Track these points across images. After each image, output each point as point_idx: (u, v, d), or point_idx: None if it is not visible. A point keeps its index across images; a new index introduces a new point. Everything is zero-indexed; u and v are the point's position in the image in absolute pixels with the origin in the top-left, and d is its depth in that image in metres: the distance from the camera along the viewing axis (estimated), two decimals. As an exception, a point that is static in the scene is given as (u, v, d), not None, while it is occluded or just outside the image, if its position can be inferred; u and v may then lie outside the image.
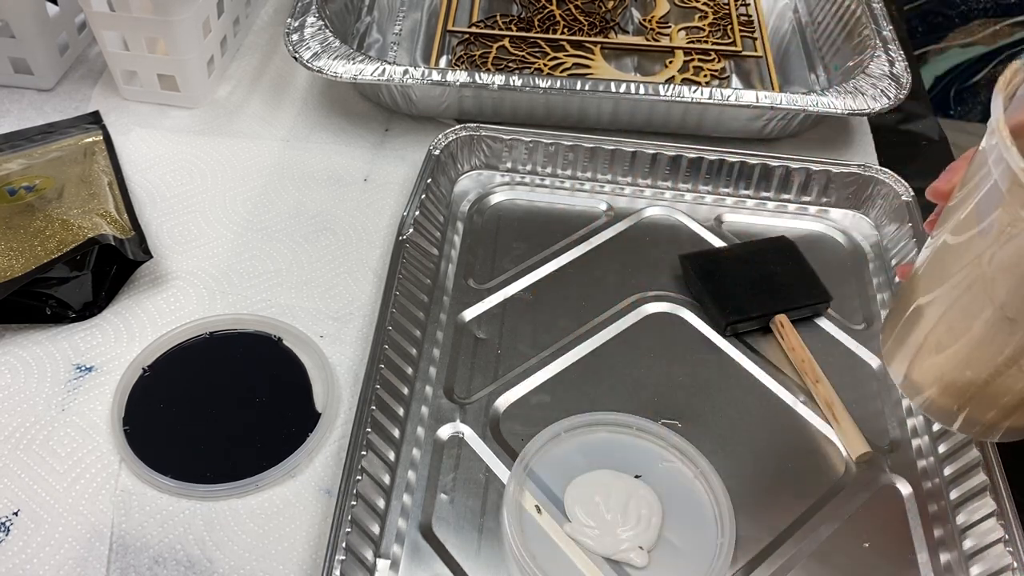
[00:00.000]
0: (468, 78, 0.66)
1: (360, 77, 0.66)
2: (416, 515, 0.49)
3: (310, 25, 0.69)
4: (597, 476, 0.49)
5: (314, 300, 0.60)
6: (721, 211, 0.67)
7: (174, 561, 0.47)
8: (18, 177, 0.63)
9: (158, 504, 0.49)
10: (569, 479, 0.49)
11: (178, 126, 0.72)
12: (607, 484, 0.49)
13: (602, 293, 0.60)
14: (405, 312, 0.56)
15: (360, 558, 0.45)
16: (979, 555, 0.47)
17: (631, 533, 0.47)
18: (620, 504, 0.48)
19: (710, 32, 0.83)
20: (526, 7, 0.85)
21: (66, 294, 0.57)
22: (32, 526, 0.48)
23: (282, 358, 0.56)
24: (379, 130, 0.73)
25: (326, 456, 0.52)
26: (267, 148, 0.71)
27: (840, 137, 0.74)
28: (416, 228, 0.60)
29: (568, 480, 0.49)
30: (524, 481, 0.49)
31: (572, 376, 0.55)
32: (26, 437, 0.52)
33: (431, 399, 0.54)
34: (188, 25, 0.67)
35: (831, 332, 0.59)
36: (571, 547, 0.47)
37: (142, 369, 0.55)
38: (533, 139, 0.67)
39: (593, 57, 0.79)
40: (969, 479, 0.50)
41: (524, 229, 0.65)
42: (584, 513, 0.48)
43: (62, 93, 0.74)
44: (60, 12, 0.74)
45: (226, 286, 0.60)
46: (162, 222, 0.64)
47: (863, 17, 0.74)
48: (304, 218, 0.65)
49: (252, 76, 0.77)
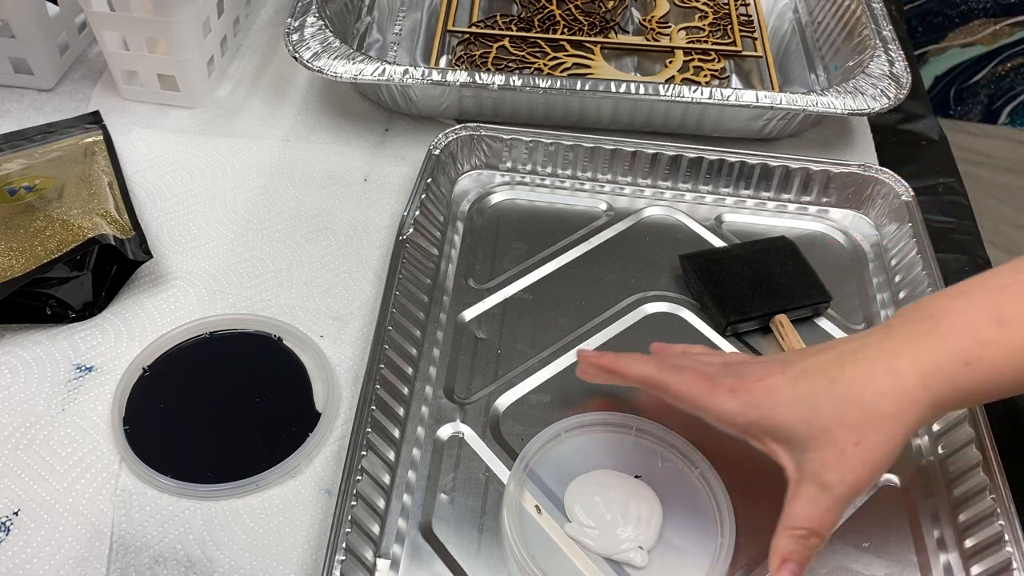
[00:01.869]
0: (468, 78, 0.66)
1: (360, 77, 0.66)
2: (416, 515, 0.49)
3: (310, 25, 0.69)
4: (597, 476, 0.49)
5: (314, 300, 0.60)
6: (721, 211, 0.67)
7: (174, 561, 0.47)
8: (18, 177, 0.63)
9: (158, 504, 0.49)
10: (569, 479, 0.49)
11: (178, 126, 0.72)
12: (607, 484, 0.49)
13: (602, 293, 0.60)
14: (405, 312, 0.56)
15: (360, 558, 0.45)
16: (979, 555, 0.47)
17: (631, 533, 0.47)
18: (620, 504, 0.48)
19: (710, 32, 0.83)
20: (526, 7, 0.85)
21: (66, 294, 0.57)
22: (32, 526, 0.48)
23: (282, 358, 0.56)
24: (379, 130, 0.73)
25: (326, 456, 0.52)
26: (267, 148, 0.71)
27: (840, 137, 0.74)
28: (416, 228, 0.60)
29: (568, 480, 0.49)
30: (524, 481, 0.49)
31: (572, 376, 0.55)
32: (26, 437, 0.52)
33: (431, 399, 0.54)
34: (188, 25, 0.67)
35: (831, 332, 0.59)
36: (571, 547, 0.47)
37: (142, 369, 0.55)
38: (533, 139, 0.67)
39: (593, 57, 0.79)
40: (969, 479, 0.50)
41: (524, 229, 0.65)
42: (584, 513, 0.48)
43: (62, 93, 0.74)
44: (60, 12, 0.74)
45: (226, 286, 0.60)
46: (162, 222, 0.64)
47: (863, 17, 0.74)
48: (304, 218, 0.65)
49: (252, 76, 0.77)
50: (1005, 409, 0.55)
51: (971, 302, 0.40)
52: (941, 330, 0.39)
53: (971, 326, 0.38)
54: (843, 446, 0.38)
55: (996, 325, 0.38)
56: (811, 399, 0.39)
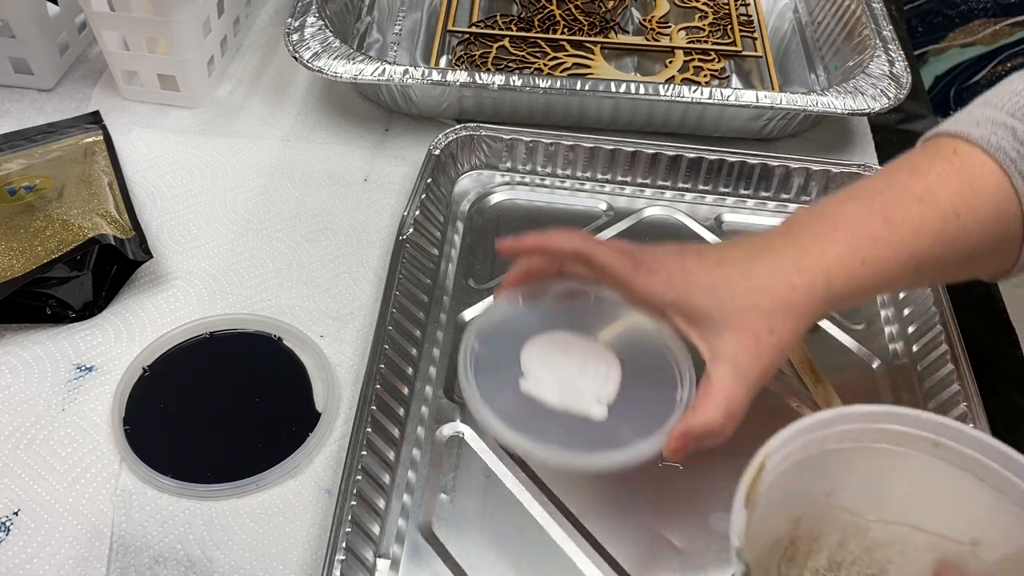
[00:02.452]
0: (468, 78, 0.66)
1: (360, 77, 0.66)
2: (416, 515, 0.49)
3: (310, 25, 0.69)
4: (554, 336, 0.48)
5: (314, 300, 0.60)
6: (721, 211, 0.67)
7: (174, 561, 0.47)
8: (18, 177, 0.63)
9: (158, 504, 0.49)
10: (524, 341, 0.47)
11: (178, 126, 0.72)
12: (564, 343, 0.47)
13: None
14: (405, 312, 0.56)
15: (360, 558, 0.45)
16: (979, 555, 0.47)
17: (590, 387, 0.45)
18: (578, 361, 0.46)
19: (710, 32, 0.83)
20: (526, 7, 0.85)
21: (66, 294, 0.57)
22: (32, 526, 0.48)
23: (282, 358, 0.56)
24: (379, 130, 0.73)
25: (326, 456, 0.52)
26: (267, 148, 0.71)
27: (840, 137, 0.74)
28: (416, 228, 0.60)
29: (523, 342, 0.47)
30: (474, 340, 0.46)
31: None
32: (26, 437, 0.52)
33: (431, 399, 0.54)
34: (188, 25, 0.67)
35: (831, 332, 0.59)
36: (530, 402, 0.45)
37: (142, 369, 0.55)
38: (533, 139, 0.67)
39: (593, 57, 0.79)
40: (969, 479, 0.49)
41: (524, 229, 0.64)
42: (541, 369, 0.46)
43: (62, 93, 0.74)
44: (60, 12, 0.74)
45: (226, 286, 0.60)
46: (162, 222, 0.64)
47: (863, 17, 0.74)
48: (304, 218, 0.65)
49: (252, 76, 0.77)
50: (1005, 409, 0.55)
51: (860, 205, 0.43)
52: (839, 233, 0.42)
53: (865, 227, 0.42)
54: (757, 331, 0.41)
55: (884, 226, 0.42)
56: (726, 287, 0.42)
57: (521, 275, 0.47)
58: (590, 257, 0.44)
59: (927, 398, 0.55)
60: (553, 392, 0.45)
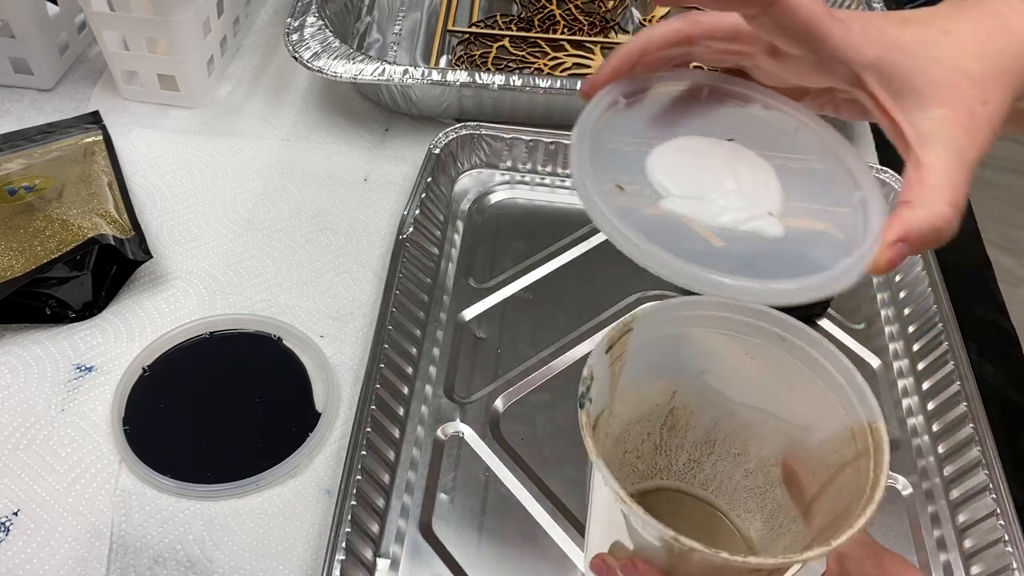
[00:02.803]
0: (468, 78, 0.66)
1: (360, 77, 0.66)
2: (416, 515, 0.49)
3: (310, 25, 0.69)
4: (682, 143, 0.36)
5: (314, 300, 0.60)
6: (721, 211, 0.67)
7: (174, 561, 0.47)
8: (18, 177, 0.63)
9: (158, 504, 0.49)
10: (647, 152, 0.36)
11: (178, 126, 0.72)
12: (699, 149, 0.36)
13: (602, 293, 0.60)
14: (405, 311, 0.56)
15: (360, 558, 0.45)
16: (979, 555, 0.47)
17: (756, 199, 0.34)
18: (725, 168, 0.35)
19: (710, 32, 0.83)
20: (526, 7, 0.85)
21: (66, 294, 0.57)
22: (32, 526, 0.48)
23: (282, 358, 0.56)
24: (379, 130, 0.73)
25: (326, 456, 0.52)
26: (267, 148, 0.71)
27: (840, 137, 0.74)
28: (416, 227, 0.60)
29: (646, 152, 0.36)
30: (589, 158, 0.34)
31: (572, 376, 0.55)
32: (26, 437, 0.52)
33: (431, 398, 0.54)
34: (188, 25, 0.67)
35: (831, 332, 0.59)
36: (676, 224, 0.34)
37: (142, 369, 0.55)
38: (533, 138, 0.67)
39: (593, 57, 0.79)
40: (969, 479, 0.50)
41: (524, 228, 0.65)
42: (681, 184, 0.34)
43: (62, 93, 0.74)
44: (60, 12, 0.74)
45: (226, 286, 0.60)
46: (162, 222, 0.64)
47: (863, 17, 0.74)
48: (304, 218, 0.65)
49: (252, 76, 0.77)
50: (1005, 409, 0.55)
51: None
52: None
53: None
54: (971, 103, 0.33)
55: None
56: (925, 47, 0.33)
57: (625, 63, 0.37)
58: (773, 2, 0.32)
59: (927, 398, 0.55)
60: (707, 211, 0.34)
